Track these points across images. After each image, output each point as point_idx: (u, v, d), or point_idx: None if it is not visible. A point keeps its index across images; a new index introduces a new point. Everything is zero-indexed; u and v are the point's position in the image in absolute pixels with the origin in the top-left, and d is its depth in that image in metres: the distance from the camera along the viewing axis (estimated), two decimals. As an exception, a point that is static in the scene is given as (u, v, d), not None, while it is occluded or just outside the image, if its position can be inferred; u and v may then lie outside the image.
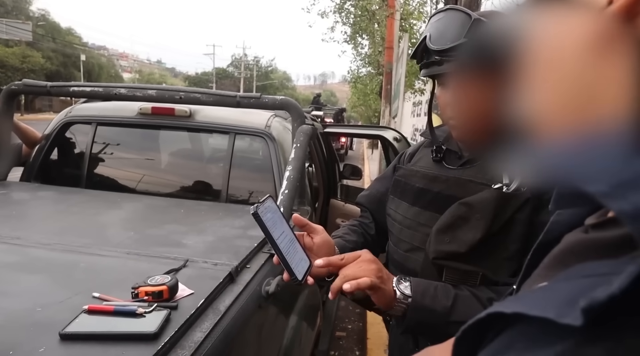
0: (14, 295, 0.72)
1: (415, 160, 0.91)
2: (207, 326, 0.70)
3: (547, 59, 0.22)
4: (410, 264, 0.83)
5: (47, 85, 1.67)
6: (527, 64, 0.23)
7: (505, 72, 0.26)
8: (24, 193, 1.53)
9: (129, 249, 0.97)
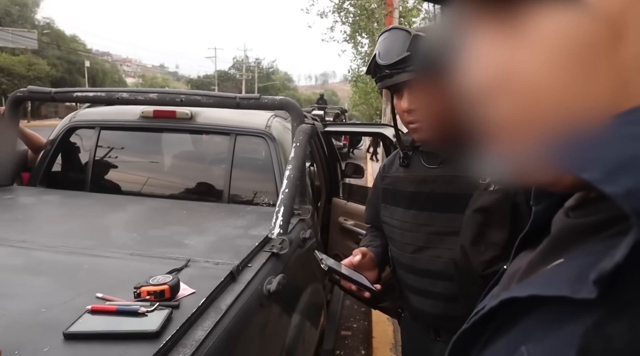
0: (19, 297, 0.73)
1: (396, 168, 0.96)
2: (209, 325, 0.71)
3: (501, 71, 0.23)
4: (420, 264, 0.87)
5: (51, 91, 1.70)
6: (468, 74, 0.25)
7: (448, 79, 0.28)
8: (29, 197, 1.55)
9: (132, 250, 0.98)
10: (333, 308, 2.76)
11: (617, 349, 0.18)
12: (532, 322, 0.23)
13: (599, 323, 0.19)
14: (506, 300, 0.25)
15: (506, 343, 0.25)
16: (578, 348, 0.19)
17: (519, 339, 0.23)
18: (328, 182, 2.57)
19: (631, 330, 0.18)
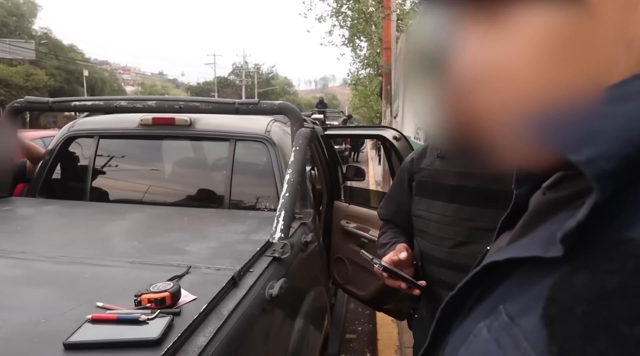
0: (19, 308, 0.73)
1: (431, 161, 0.95)
2: (211, 331, 0.70)
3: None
4: (457, 259, 0.88)
5: (48, 101, 1.70)
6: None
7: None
8: (28, 208, 1.55)
9: (132, 258, 0.98)
10: (337, 312, 2.74)
11: (578, 295, 0.20)
12: (510, 284, 0.26)
13: (564, 277, 0.21)
14: (487, 264, 0.28)
15: (488, 304, 0.27)
16: (546, 299, 0.21)
17: (499, 300, 0.26)
18: (329, 186, 2.56)
19: (590, 278, 0.20)
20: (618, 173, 0.21)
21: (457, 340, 0.28)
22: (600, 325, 0.19)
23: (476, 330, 0.26)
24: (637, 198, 0.21)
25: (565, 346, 0.19)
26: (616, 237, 0.21)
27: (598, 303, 0.19)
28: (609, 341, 0.18)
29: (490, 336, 0.24)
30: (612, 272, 0.19)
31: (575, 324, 0.19)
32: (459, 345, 0.27)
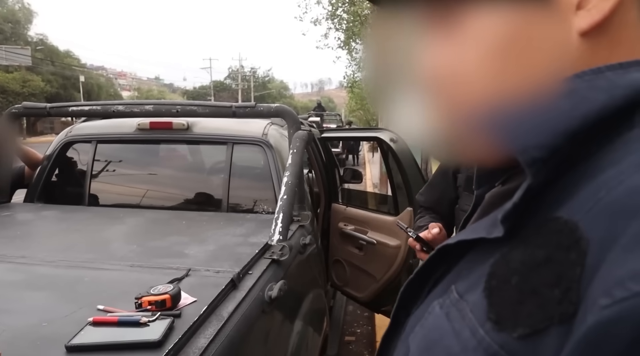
0: (20, 312, 0.73)
1: None
2: (211, 333, 0.71)
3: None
4: None
5: (46, 106, 1.71)
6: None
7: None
8: (27, 213, 1.55)
9: (132, 262, 0.98)
10: (336, 314, 2.75)
11: (514, 268, 0.23)
12: (461, 266, 0.29)
13: (504, 254, 0.25)
14: (441, 247, 0.31)
15: (442, 286, 0.30)
16: (488, 274, 0.25)
17: (451, 280, 0.29)
18: (327, 188, 2.57)
19: (523, 253, 0.23)
20: (548, 160, 0.24)
21: (415, 319, 0.31)
22: (530, 291, 0.21)
23: (430, 308, 0.29)
24: (567, 182, 0.24)
25: (501, 312, 0.22)
26: (547, 216, 0.23)
27: (529, 274, 0.22)
28: (536, 303, 0.21)
29: (442, 311, 0.27)
30: (540, 246, 0.22)
31: (510, 293, 0.22)
32: (416, 323, 0.30)
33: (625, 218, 0.19)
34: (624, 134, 0.23)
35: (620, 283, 0.17)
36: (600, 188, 0.22)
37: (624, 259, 0.18)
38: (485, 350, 0.22)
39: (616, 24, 0.25)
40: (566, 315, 0.19)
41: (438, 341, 0.26)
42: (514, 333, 0.21)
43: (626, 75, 0.24)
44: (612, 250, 0.19)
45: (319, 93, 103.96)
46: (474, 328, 0.24)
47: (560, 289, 0.20)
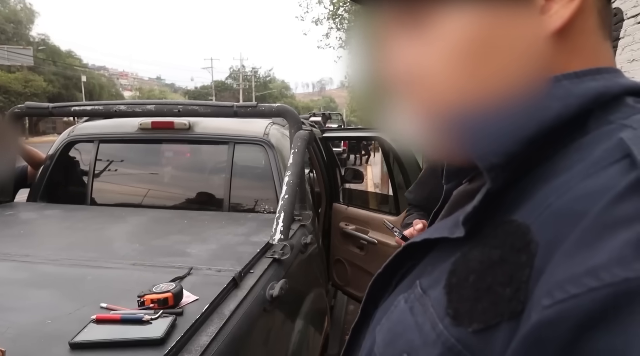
0: (24, 310, 0.74)
1: None
2: (213, 331, 0.72)
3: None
4: None
5: (49, 106, 1.71)
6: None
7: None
8: (30, 213, 1.56)
9: (134, 260, 0.99)
10: (337, 314, 2.75)
11: (471, 267, 0.25)
12: (426, 262, 0.30)
13: (464, 253, 0.26)
14: (407, 245, 0.32)
15: (408, 281, 0.31)
16: (448, 272, 0.26)
17: (416, 276, 0.30)
18: (328, 188, 2.58)
19: (481, 253, 0.25)
20: (506, 166, 0.25)
21: (382, 312, 0.32)
22: (485, 289, 0.23)
23: (396, 302, 0.30)
24: (524, 185, 0.25)
25: (458, 308, 0.24)
26: (503, 218, 0.25)
27: (485, 272, 0.23)
28: (489, 301, 0.22)
29: (406, 306, 0.28)
30: (496, 247, 0.24)
31: (467, 290, 0.24)
32: (383, 316, 0.31)
33: (569, 224, 0.20)
34: (577, 140, 0.24)
35: (560, 286, 0.18)
36: (552, 193, 0.23)
37: (564, 263, 0.19)
38: (443, 344, 0.24)
39: (576, 31, 0.26)
40: (515, 312, 0.21)
41: (401, 334, 0.28)
42: (469, 328, 0.23)
43: (581, 84, 0.25)
44: (556, 254, 0.20)
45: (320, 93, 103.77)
46: (434, 322, 0.25)
47: (511, 288, 0.21)
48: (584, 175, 0.22)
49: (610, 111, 0.25)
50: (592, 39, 0.27)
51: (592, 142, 0.23)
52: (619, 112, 0.24)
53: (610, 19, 0.29)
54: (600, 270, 0.17)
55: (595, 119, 0.24)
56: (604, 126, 0.24)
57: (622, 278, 0.16)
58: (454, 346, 0.23)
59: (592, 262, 0.18)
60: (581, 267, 0.18)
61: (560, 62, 0.26)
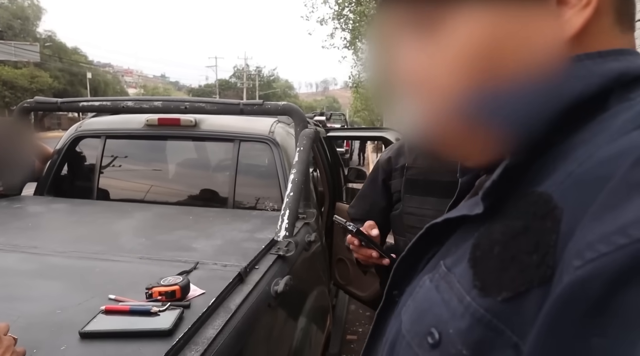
0: (35, 300, 0.75)
1: (415, 158, 0.96)
2: (219, 324, 0.73)
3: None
4: None
5: (57, 101, 1.73)
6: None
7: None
8: (38, 206, 1.58)
9: (141, 254, 1.00)
10: (339, 313, 2.76)
11: (495, 239, 0.25)
12: (449, 244, 0.31)
13: (487, 227, 0.27)
14: (429, 226, 0.33)
15: (433, 263, 0.32)
16: (472, 246, 0.27)
17: (440, 257, 0.31)
18: (331, 187, 2.58)
19: (504, 225, 0.25)
20: (527, 142, 0.26)
21: (407, 295, 0.33)
22: (510, 258, 0.23)
23: (421, 282, 0.31)
24: (544, 162, 0.26)
25: (485, 279, 0.25)
26: (523, 191, 0.25)
27: (509, 243, 0.24)
28: (517, 269, 0.23)
29: (432, 284, 0.29)
30: (518, 217, 0.24)
31: (493, 261, 0.25)
32: (408, 298, 0.32)
33: (594, 188, 0.21)
34: (598, 116, 0.25)
35: (590, 246, 0.19)
36: (572, 163, 0.23)
37: (592, 225, 0.19)
38: (472, 315, 0.24)
39: (591, 32, 0.26)
40: (545, 277, 0.21)
41: (428, 310, 0.28)
42: (499, 296, 0.23)
43: (604, 64, 0.26)
44: (584, 217, 0.20)
45: (324, 93, 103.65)
46: (461, 296, 0.26)
47: (539, 254, 0.22)
48: (606, 143, 0.22)
49: (632, 89, 0.25)
50: (610, 35, 0.27)
51: (612, 116, 0.24)
52: (637, 90, 0.25)
53: (632, 10, 0.29)
54: (628, 227, 0.18)
55: (616, 97, 0.25)
56: (625, 103, 0.24)
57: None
58: (484, 317, 0.24)
59: (621, 221, 0.18)
60: (610, 226, 0.18)
61: (578, 51, 0.26)
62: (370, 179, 1.15)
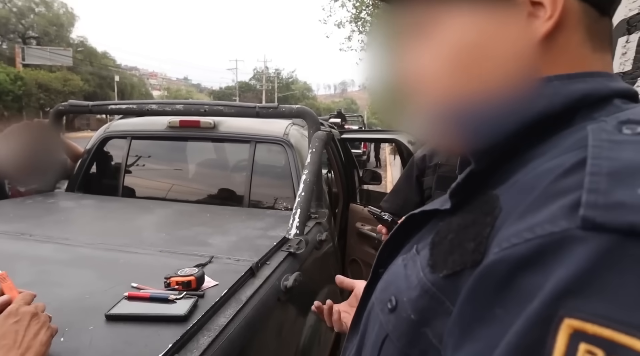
0: (67, 286, 0.83)
1: (446, 158, 0.99)
2: (230, 313, 0.78)
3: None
4: None
5: (89, 104, 1.86)
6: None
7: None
8: (69, 201, 1.69)
9: (161, 248, 1.07)
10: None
11: (451, 228, 0.30)
12: (424, 231, 0.36)
13: (450, 219, 0.32)
14: (408, 216, 0.38)
15: (409, 246, 0.37)
16: (434, 233, 0.32)
17: (416, 242, 0.36)
18: (345, 188, 2.62)
19: (460, 218, 0.30)
20: (487, 152, 0.30)
21: (386, 272, 0.38)
22: (457, 245, 0.28)
23: (396, 261, 0.37)
24: (507, 169, 0.30)
25: (436, 260, 0.30)
26: (484, 192, 0.30)
27: (459, 232, 0.29)
28: (458, 253, 0.28)
29: (402, 263, 0.35)
30: (472, 213, 0.29)
31: (445, 246, 0.30)
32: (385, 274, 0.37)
33: (527, 194, 0.25)
34: (561, 133, 0.28)
35: (507, 239, 0.23)
36: (523, 171, 0.28)
37: (514, 223, 0.24)
38: (422, 287, 0.30)
39: (560, 44, 0.30)
40: (476, 261, 0.25)
41: (393, 282, 0.34)
42: (441, 273, 0.29)
43: (570, 85, 0.29)
44: (512, 217, 0.25)
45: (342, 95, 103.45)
46: (418, 272, 0.31)
47: (475, 243, 0.26)
48: (552, 157, 0.26)
49: (596, 110, 0.28)
50: (580, 51, 0.30)
51: (571, 133, 0.27)
52: (604, 110, 0.28)
53: (607, 31, 0.31)
54: (535, 226, 0.22)
55: (581, 116, 0.28)
56: (586, 122, 0.27)
57: (548, 232, 0.21)
58: (430, 289, 0.29)
59: (533, 221, 0.22)
60: (524, 225, 0.23)
61: (548, 69, 0.30)
62: (404, 175, 1.19)
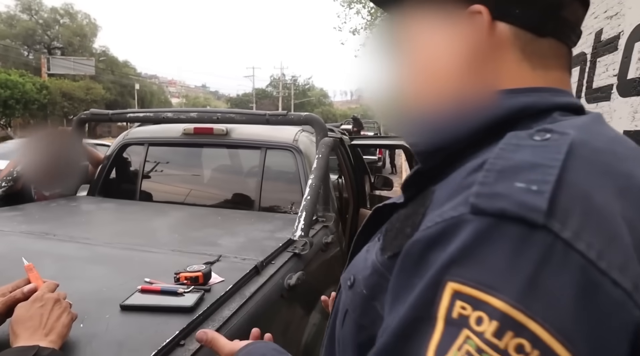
0: (86, 280, 0.90)
1: None
2: (234, 307, 0.84)
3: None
4: None
5: (109, 113, 1.97)
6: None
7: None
8: (90, 205, 1.80)
9: (173, 247, 1.14)
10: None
11: (399, 219, 0.35)
12: (388, 222, 0.40)
13: (400, 212, 0.36)
14: (375, 208, 0.43)
15: (377, 235, 0.41)
16: (386, 223, 0.38)
17: (380, 232, 0.40)
18: (356, 194, 2.66)
19: (407, 209, 0.35)
20: (431, 154, 0.35)
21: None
22: (400, 231, 0.34)
23: (363, 248, 0.42)
24: (450, 170, 0.33)
25: (385, 244, 0.35)
26: (431, 187, 0.34)
27: (404, 220, 0.34)
28: (400, 237, 0.33)
29: (365, 248, 0.41)
30: (414, 204, 0.34)
31: (392, 233, 0.35)
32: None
33: (449, 188, 0.30)
34: (494, 142, 0.31)
35: (424, 224, 0.29)
36: (457, 172, 0.32)
37: (433, 211, 0.30)
38: (373, 266, 0.36)
39: (498, 62, 0.34)
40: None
41: (355, 264, 0.41)
42: (386, 255, 0.34)
43: (512, 98, 0.33)
44: (434, 206, 0.31)
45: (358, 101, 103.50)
46: (372, 255, 0.37)
47: (411, 228, 0.31)
48: (481, 159, 0.29)
49: (536, 120, 0.32)
50: (518, 69, 0.34)
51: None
52: (542, 121, 0.31)
53: (550, 50, 0.35)
54: (444, 212, 0.27)
55: (521, 126, 0.31)
56: (525, 130, 0.30)
57: (450, 216, 0.26)
58: (379, 268, 0.35)
59: (443, 209, 0.28)
60: (439, 211, 0.28)
61: (493, 85, 0.34)
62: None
